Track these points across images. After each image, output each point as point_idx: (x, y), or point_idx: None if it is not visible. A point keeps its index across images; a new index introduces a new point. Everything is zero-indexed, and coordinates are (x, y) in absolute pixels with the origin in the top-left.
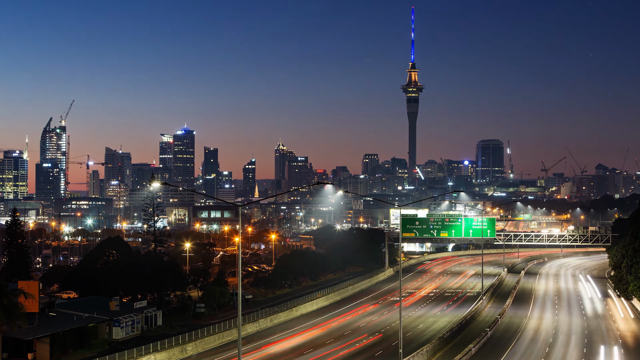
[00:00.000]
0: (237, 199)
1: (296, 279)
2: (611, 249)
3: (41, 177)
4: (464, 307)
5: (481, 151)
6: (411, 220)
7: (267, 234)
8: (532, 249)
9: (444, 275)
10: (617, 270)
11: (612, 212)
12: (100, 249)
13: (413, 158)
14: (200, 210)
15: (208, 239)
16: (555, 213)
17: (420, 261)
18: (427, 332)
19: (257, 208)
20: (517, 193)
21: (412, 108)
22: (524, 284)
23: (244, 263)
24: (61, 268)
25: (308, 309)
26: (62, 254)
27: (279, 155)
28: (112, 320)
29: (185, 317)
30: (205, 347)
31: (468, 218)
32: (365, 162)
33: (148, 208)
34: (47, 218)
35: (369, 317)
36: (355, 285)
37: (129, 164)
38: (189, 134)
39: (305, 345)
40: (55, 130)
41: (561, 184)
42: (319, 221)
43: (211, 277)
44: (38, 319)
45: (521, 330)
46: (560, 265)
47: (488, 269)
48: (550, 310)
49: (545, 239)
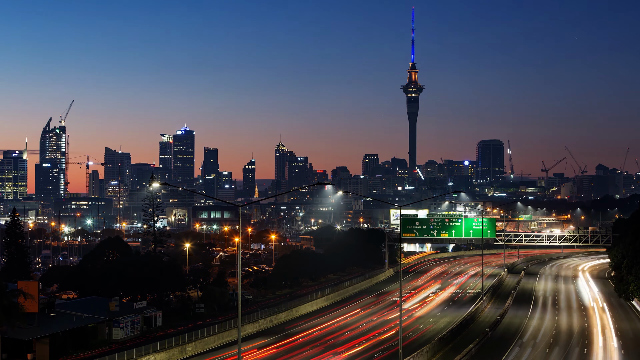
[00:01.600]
0: (237, 199)
1: (296, 279)
2: (611, 250)
3: (41, 178)
4: (464, 308)
5: (481, 151)
6: (411, 220)
7: (267, 234)
8: (533, 250)
9: (444, 276)
10: (618, 271)
11: (613, 212)
12: (100, 249)
13: (413, 158)
14: (200, 210)
15: (208, 240)
16: (556, 213)
17: (420, 261)
18: (427, 332)
19: (257, 208)
20: (518, 193)
21: (412, 108)
22: (525, 285)
23: (244, 263)
24: (61, 268)
25: (308, 310)
26: (61, 255)
27: (279, 155)
28: (112, 320)
29: (185, 318)
30: (205, 348)
31: (468, 218)
32: (365, 162)
33: (148, 208)
34: (46, 218)
35: (369, 318)
36: (356, 285)
37: (129, 164)
38: (189, 134)
39: (305, 345)
40: (55, 131)
41: (561, 184)
42: (319, 221)
43: (211, 277)
44: (37, 320)
45: (522, 331)
46: (561, 266)
47: (488, 270)
48: (550, 311)
49: (545, 239)
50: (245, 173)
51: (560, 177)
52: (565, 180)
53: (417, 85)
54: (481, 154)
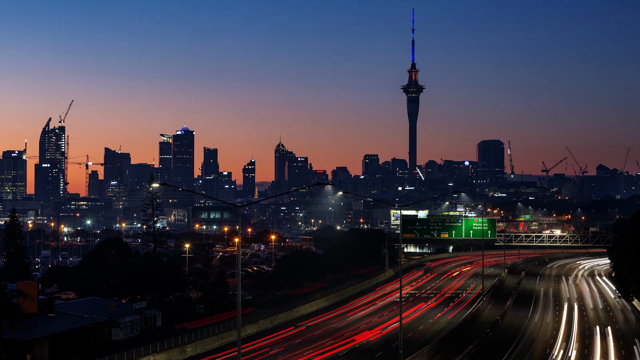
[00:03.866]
0: (236, 199)
1: (296, 279)
2: (612, 250)
3: (40, 178)
4: (465, 308)
5: (482, 151)
6: (411, 221)
7: (267, 234)
8: (533, 250)
9: (445, 276)
10: (619, 272)
11: (613, 212)
12: (100, 249)
13: (413, 158)
14: (199, 210)
15: (207, 240)
16: (556, 214)
17: (420, 262)
18: (427, 333)
19: (257, 209)
20: (518, 194)
21: (413, 108)
22: (525, 285)
23: (244, 264)
24: (60, 269)
25: (308, 310)
26: (61, 255)
27: (279, 155)
28: (112, 321)
29: (185, 318)
30: (205, 348)
31: (468, 219)
32: (366, 162)
33: (147, 209)
34: (46, 218)
35: (369, 318)
36: (356, 286)
37: (128, 164)
38: (189, 134)
39: (305, 345)
40: (55, 131)
41: (562, 185)
42: (318, 222)
43: (211, 278)
44: (37, 320)
45: (522, 331)
46: (561, 266)
47: (488, 270)
48: (551, 311)
49: (546, 240)
50: (245, 173)
51: (561, 178)
52: (565, 180)
53: (417, 86)
54: (481, 154)
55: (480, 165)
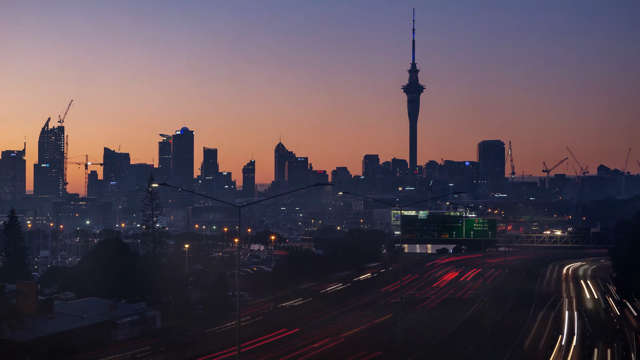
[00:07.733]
0: (236, 199)
1: (296, 280)
2: (613, 251)
3: (39, 178)
4: (465, 309)
5: (482, 152)
6: (412, 221)
7: (267, 235)
8: (534, 251)
9: (445, 277)
10: (619, 272)
11: (614, 213)
12: (99, 250)
13: (414, 159)
14: (199, 211)
15: (207, 240)
16: (557, 214)
17: (420, 263)
18: (427, 333)
19: (257, 209)
20: (519, 194)
21: (413, 108)
22: (525, 285)
23: (243, 264)
24: (59, 269)
25: (308, 311)
26: (60, 255)
27: (279, 155)
28: (111, 321)
29: (184, 319)
30: (204, 349)
31: (469, 219)
32: (366, 162)
33: (147, 209)
34: (45, 219)
35: (369, 319)
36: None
37: (128, 164)
38: (189, 134)
39: (305, 345)
40: (54, 131)
41: (563, 185)
42: (318, 222)
43: (210, 278)
44: (36, 321)
45: (523, 332)
46: (562, 267)
47: (489, 271)
48: (552, 312)
49: (546, 240)
50: (244, 173)
51: (562, 178)
52: (566, 181)
53: (417, 86)
54: (482, 155)
55: (480, 165)
